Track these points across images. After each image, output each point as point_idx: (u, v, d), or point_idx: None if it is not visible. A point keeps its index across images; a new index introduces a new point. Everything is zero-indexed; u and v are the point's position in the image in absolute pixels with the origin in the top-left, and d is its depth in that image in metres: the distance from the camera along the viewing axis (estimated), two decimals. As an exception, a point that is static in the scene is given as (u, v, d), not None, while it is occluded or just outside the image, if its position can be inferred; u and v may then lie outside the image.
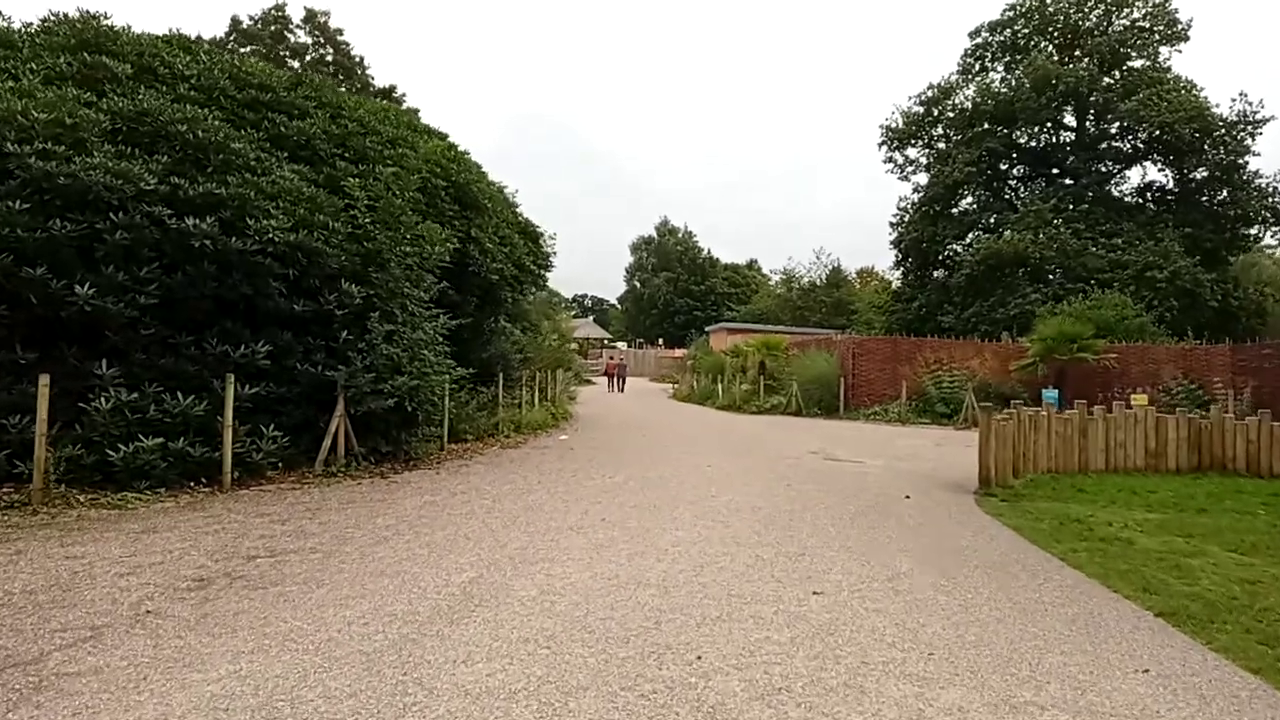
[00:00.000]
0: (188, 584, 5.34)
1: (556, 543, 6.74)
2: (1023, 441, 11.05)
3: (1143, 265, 30.81)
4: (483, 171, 15.79)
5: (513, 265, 15.47)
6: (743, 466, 12.17)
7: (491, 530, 7.19)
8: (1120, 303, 25.76)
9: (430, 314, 11.82)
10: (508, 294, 15.30)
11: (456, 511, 8.06)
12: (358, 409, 10.65)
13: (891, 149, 40.93)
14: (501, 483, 10.08)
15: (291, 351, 10.50)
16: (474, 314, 14.94)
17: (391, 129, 13.22)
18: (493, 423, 15.12)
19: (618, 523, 7.62)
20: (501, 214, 15.69)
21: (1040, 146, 38.59)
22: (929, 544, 7.03)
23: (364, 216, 11.12)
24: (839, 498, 9.45)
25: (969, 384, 21.83)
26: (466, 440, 13.96)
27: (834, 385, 24.08)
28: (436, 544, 6.62)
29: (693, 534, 7.18)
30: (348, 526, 7.25)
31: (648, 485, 10.05)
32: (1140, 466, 11.83)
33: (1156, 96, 33.10)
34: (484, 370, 16.14)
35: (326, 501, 8.56)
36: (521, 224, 17.28)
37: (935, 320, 35.08)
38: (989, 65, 39.69)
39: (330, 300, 10.60)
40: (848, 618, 4.86)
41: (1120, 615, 5.08)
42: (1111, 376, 22.39)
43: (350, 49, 42.12)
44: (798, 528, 7.58)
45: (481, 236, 14.06)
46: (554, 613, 4.84)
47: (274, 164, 10.79)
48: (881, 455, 14.26)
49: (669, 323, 76.68)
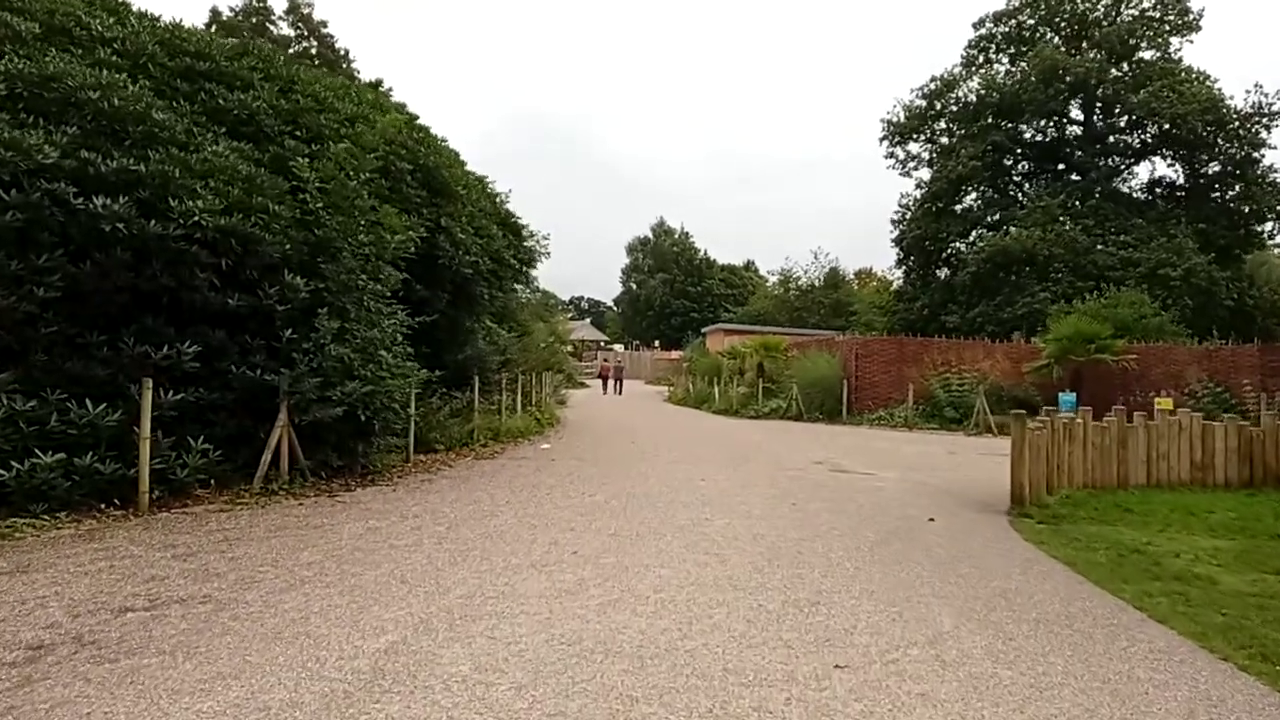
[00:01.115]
0: (15, 656, 4.05)
1: (512, 587, 5.45)
2: (1056, 453, 9.79)
3: (1155, 263, 29.60)
4: (457, 156, 14.52)
5: (489, 259, 14.18)
6: (741, 480, 10.89)
7: (436, 569, 5.90)
8: (1138, 301, 24.48)
9: (389, 310, 10.55)
10: (484, 290, 14.00)
11: (401, 542, 6.77)
12: (303, 418, 9.36)
13: (892, 143, 39.65)
14: (464, 502, 8.79)
15: (225, 353, 9.21)
16: (446, 311, 13.65)
17: (352, 106, 11.93)
18: (467, 431, 13.83)
19: (591, 557, 6.33)
20: (478, 203, 14.41)
21: (1046, 141, 37.37)
22: (970, 586, 5.76)
23: (315, 201, 9.84)
24: (853, 520, 8.18)
25: (980, 387, 20.57)
26: (437, 451, 12.66)
27: (836, 388, 22.82)
28: (362, 589, 5.33)
29: (681, 573, 5.90)
30: (262, 564, 5.96)
31: (632, 505, 8.76)
32: (1185, 480, 10.58)
33: (1169, 88, 31.90)
34: (459, 373, 14.85)
35: (252, 528, 7.27)
36: (502, 215, 16.00)
37: (939, 320, 33.82)
38: (993, 57, 38.48)
39: (271, 294, 9.31)
40: (886, 710, 3.58)
41: (1251, 702, 3.81)
42: (1130, 379, 21.15)
43: (335, 41, 40.91)
44: (808, 564, 6.31)
45: (453, 226, 12.78)
46: (487, 704, 3.55)
47: (209, 140, 9.51)
48: (892, 466, 13.00)
49: (665, 324, 75.59)
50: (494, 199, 16.02)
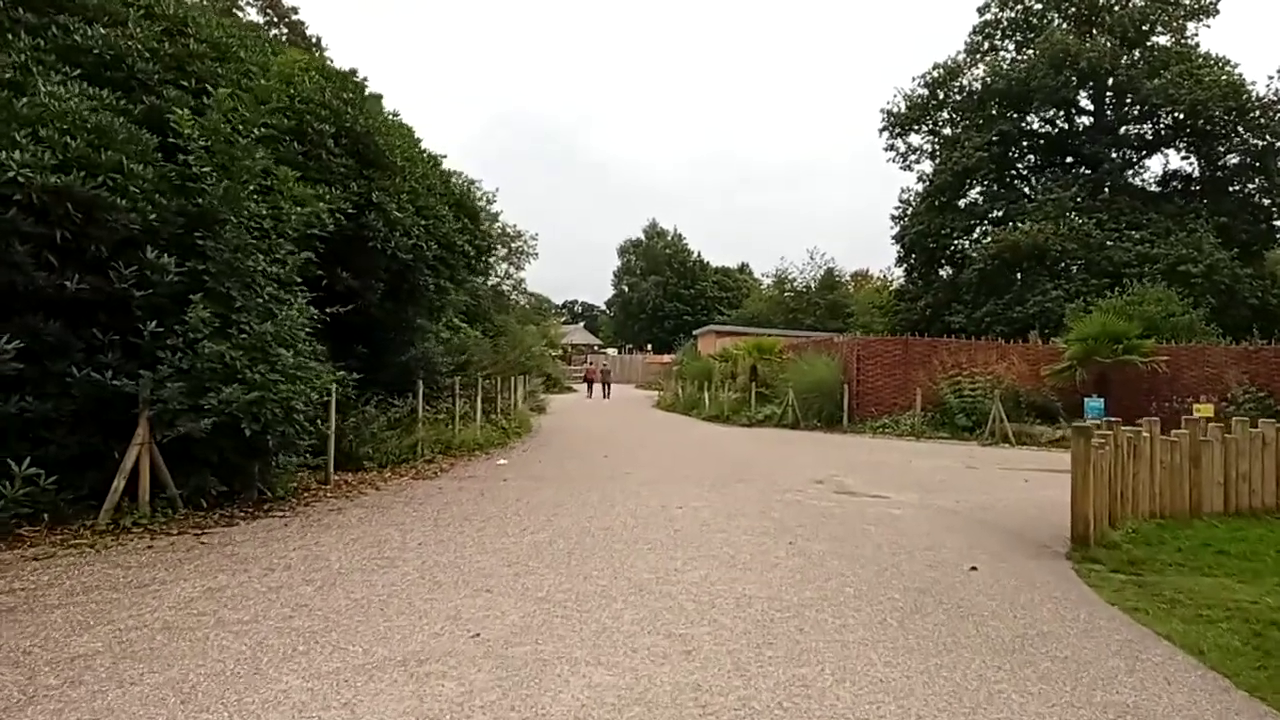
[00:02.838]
0: None
1: (351, 710, 3.45)
2: (1120, 476, 7.82)
3: (1175, 259, 27.70)
4: (400, 123, 12.52)
5: (437, 243, 12.18)
6: (727, 507, 8.90)
7: (255, 668, 3.91)
8: (1165, 297, 22.51)
9: (294, 300, 8.55)
10: (429, 279, 11.98)
11: (236, 615, 4.77)
12: (167, 433, 7.36)
13: (893, 135, 37.71)
14: (364, 543, 6.78)
15: (64, 350, 7.22)
16: (384, 304, 11.66)
17: (260, 56, 9.94)
18: (409, 445, 11.81)
19: (497, 646, 4.33)
20: (425, 180, 12.42)
21: (1054, 132, 35.46)
22: (1064, 699, 3.77)
23: (201, 163, 7.86)
24: (870, 570, 6.19)
25: (995, 392, 18.59)
26: (367, 469, 10.66)
27: (836, 393, 20.82)
28: (111, 712, 3.33)
29: (625, 678, 3.91)
30: (1, 664, 3.96)
31: (583, 548, 6.77)
32: (1271, 506, 8.64)
33: (1186, 74, 30.04)
34: (403, 377, 12.84)
35: (51, 587, 5.27)
36: (456, 196, 14.00)
37: (943, 320, 31.87)
38: (998, 44, 36.59)
39: (128, 276, 7.33)
40: None
41: None
42: (1160, 383, 19.21)
43: (306, 28, 38.75)
44: (814, 654, 4.32)
45: (387, 202, 10.78)
46: None
47: (52, 82, 7.51)
48: (907, 485, 11.03)
49: (658, 327, 73.64)
50: (447, 178, 14.05)
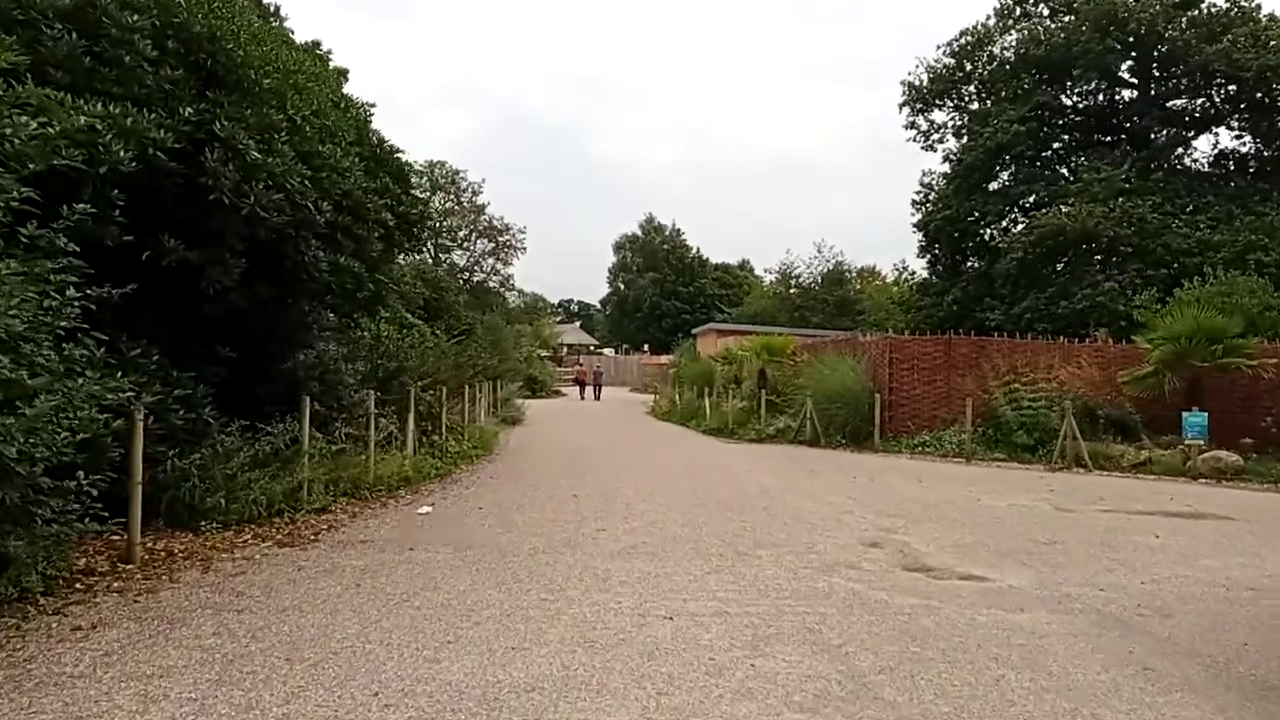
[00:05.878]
0: None
1: None
2: None
3: (1242, 245, 24.19)
4: (280, 31, 8.99)
5: (334, 205, 8.67)
6: (746, 617, 5.36)
7: None
8: (1258, 288, 18.98)
9: (32, 270, 5.02)
10: (319, 254, 8.42)
11: None
12: None
13: (914, 111, 33.99)
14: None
15: None
16: (250, 288, 8.12)
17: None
18: (290, 488, 8.29)
19: None
20: (322, 118, 8.91)
21: (1097, 106, 31.88)
22: None
23: None
24: None
25: (1065, 402, 15.05)
26: (204, 531, 7.15)
27: (864, 404, 17.27)
28: None
29: None
30: None
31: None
32: None
33: (1251, 37, 26.53)
34: (291, 391, 9.29)
35: None
36: (374, 151, 10.47)
37: (974, 317, 28.27)
38: (1031, 10, 32.98)
39: None
40: None
41: None
42: (1259, 390, 15.75)
43: (265, -3, 35.22)
44: None
45: (240, 136, 7.26)
46: None
47: None
48: (1005, 551, 7.52)
49: (655, 326, 70.33)
50: (363, 126, 10.50)
